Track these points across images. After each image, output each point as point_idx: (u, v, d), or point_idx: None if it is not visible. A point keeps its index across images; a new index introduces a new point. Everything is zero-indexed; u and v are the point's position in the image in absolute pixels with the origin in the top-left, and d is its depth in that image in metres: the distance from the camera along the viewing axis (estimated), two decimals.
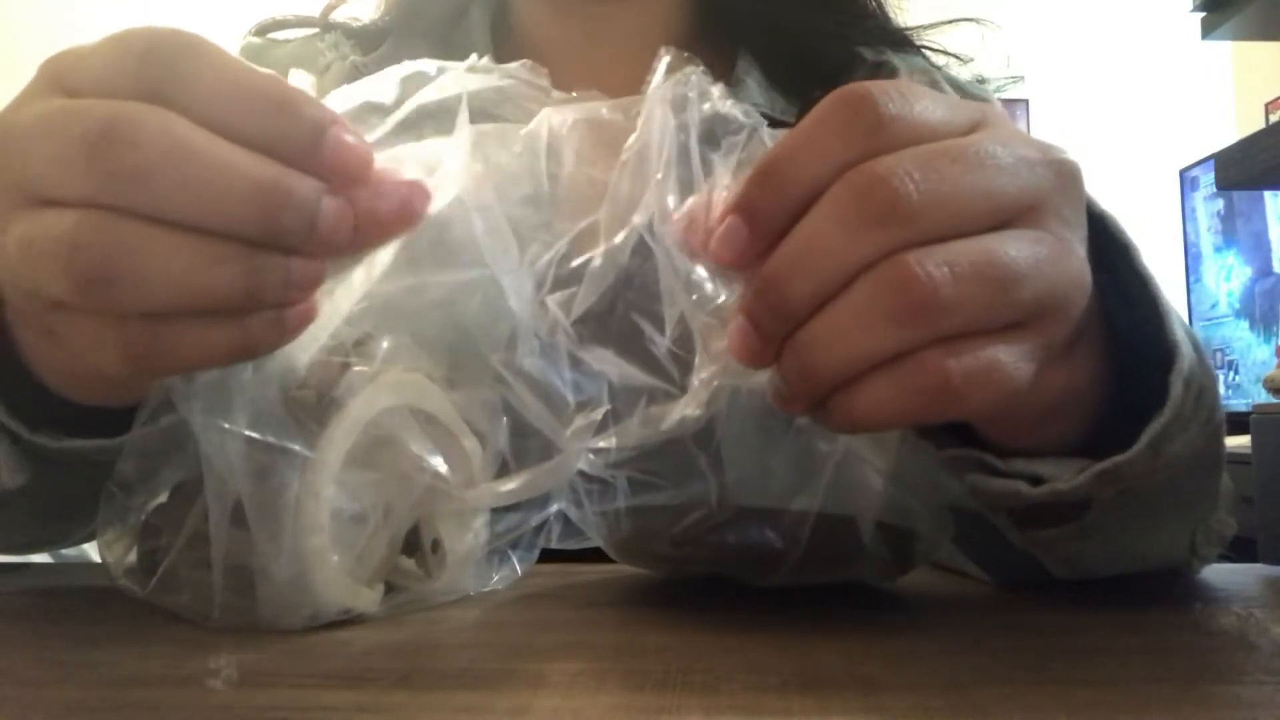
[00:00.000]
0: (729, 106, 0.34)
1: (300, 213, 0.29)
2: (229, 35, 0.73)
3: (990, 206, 0.28)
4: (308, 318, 0.31)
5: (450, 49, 0.68)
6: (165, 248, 0.28)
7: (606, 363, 0.34)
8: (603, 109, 0.36)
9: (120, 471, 0.35)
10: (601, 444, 0.34)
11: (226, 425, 0.32)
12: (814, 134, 0.29)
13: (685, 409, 0.33)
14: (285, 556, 0.32)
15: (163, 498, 0.35)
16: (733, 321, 0.30)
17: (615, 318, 0.34)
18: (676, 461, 0.35)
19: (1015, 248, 0.28)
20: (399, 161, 0.33)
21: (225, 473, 0.32)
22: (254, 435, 0.32)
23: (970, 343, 0.28)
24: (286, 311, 0.31)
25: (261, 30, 0.72)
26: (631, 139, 0.34)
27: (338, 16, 0.72)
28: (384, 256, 0.33)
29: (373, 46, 0.69)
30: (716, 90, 0.35)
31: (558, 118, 0.36)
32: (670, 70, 0.35)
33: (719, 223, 0.30)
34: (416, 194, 0.32)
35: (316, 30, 0.72)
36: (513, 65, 0.37)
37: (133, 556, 0.35)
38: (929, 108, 0.29)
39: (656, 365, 0.34)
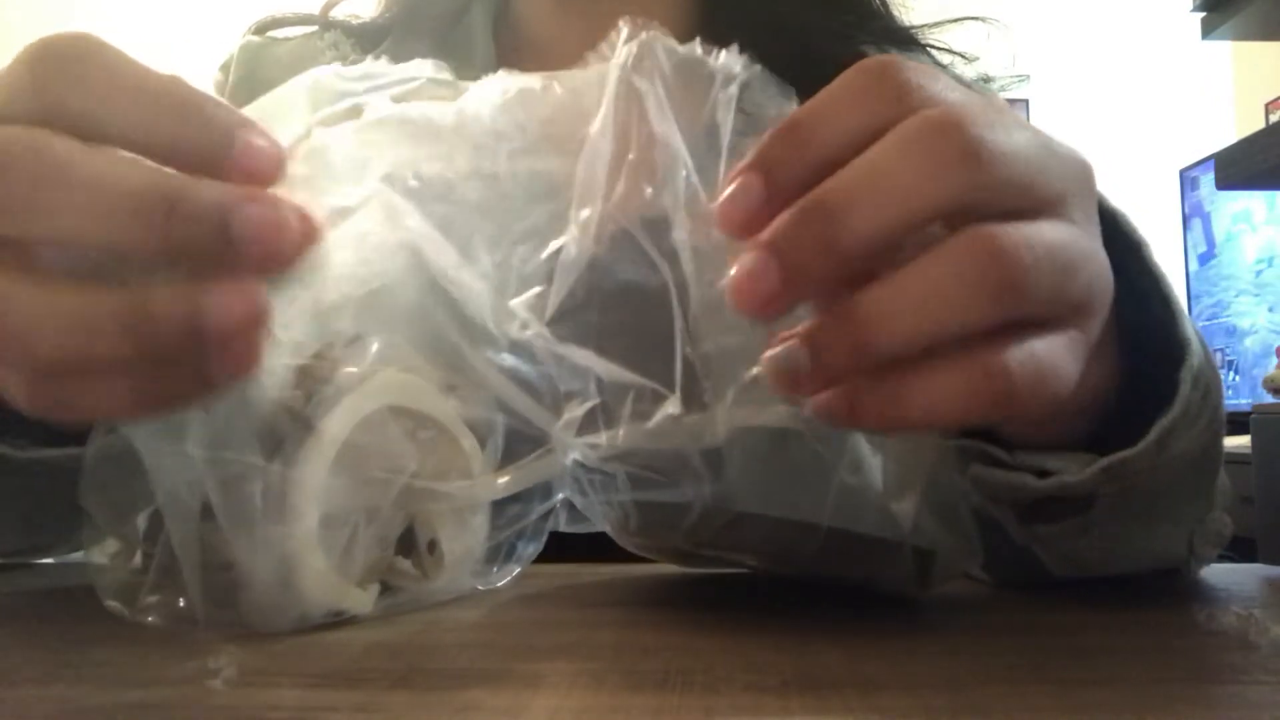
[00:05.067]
0: (700, 54, 0.33)
1: (198, 223, 0.26)
2: (230, 34, 0.73)
3: (1034, 183, 0.26)
4: (246, 362, 0.27)
5: (450, 47, 0.68)
6: (40, 302, 0.26)
7: (590, 361, 0.32)
8: (537, 84, 0.34)
9: (84, 493, 0.33)
10: (592, 440, 0.33)
11: (178, 450, 0.30)
12: (841, 94, 0.27)
13: (672, 409, 0.31)
14: (267, 559, 0.31)
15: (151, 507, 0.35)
16: (741, 257, 0.26)
17: (592, 312, 0.32)
18: (671, 460, 0.33)
19: (1068, 236, 0.27)
20: (318, 154, 0.32)
21: (179, 491, 0.31)
22: (214, 455, 0.31)
23: (1030, 336, 0.26)
24: (216, 356, 0.27)
25: (261, 28, 0.72)
26: (596, 121, 0.32)
27: (337, 14, 0.72)
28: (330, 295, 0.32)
29: (373, 45, 0.69)
30: (683, 47, 0.33)
31: (485, 105, 0.34)
32: (629, 39, 0.33)
33: (727, 183, 0.27)
34: (309, 230, 0.28)
35: (316, 29, 0.72)
36: (415, 63, 0.35)
37: (124, 573, 0.35)
38: (948, 87, 0.28)
39: (641, 362, 0.32)
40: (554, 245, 0.33)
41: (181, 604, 0.33)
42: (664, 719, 0.24)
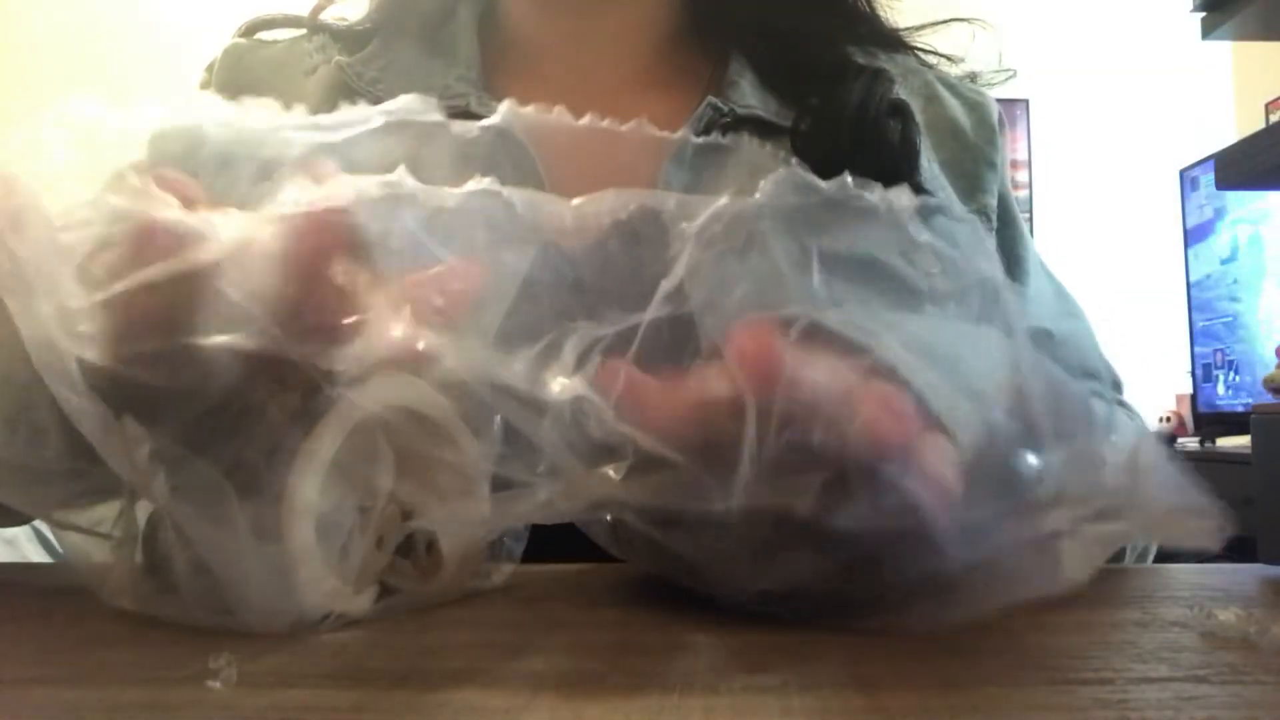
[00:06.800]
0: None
1: None
2: (224, 35, 0.73)
3: None
4: None
5: (437, 49, 0.68)
6: None
7: (636, 435, 0.31)
8: (663, 204, 0.34)
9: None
10: (623, 496, 0.32)
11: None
12: None
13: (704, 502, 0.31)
14: (262, 567, 0.31)
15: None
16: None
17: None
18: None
19: None
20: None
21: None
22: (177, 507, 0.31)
23: None
24: None
25: (250, 30, 0.72)
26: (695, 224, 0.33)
27: (326, 16, 0.72)
28: None
29: (359, 48, 0.68)
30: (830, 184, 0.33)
31: (599, 216, 0.34)
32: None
33: None
34: None
35: (304, 31, 0.72)
36: (402, 100, 0.36)
37: (128, 566, 0.35)
38: None
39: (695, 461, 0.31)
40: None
41: (180, 603, 0.33)
42: (664, 719, 0.24)
